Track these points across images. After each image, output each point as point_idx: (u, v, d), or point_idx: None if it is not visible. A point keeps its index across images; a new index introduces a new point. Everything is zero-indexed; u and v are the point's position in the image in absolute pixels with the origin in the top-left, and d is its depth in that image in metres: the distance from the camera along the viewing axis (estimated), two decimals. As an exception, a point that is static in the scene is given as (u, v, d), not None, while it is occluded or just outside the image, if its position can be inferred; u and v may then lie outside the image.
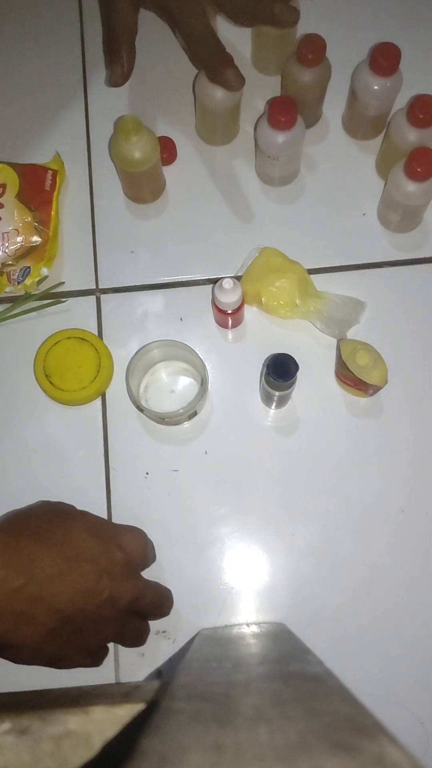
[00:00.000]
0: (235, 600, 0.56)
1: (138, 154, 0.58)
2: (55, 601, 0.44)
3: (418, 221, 0.64)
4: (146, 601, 0.50)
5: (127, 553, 0.49)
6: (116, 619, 0.48)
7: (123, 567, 0.48)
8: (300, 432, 0.60)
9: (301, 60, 0.59)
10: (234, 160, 0.68)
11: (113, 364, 0.61)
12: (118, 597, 0.47)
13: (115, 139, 0.58)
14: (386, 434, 0.59)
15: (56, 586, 0.44)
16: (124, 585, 0.47)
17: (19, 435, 0.60)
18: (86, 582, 0.45)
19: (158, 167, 0.63)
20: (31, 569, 0.44)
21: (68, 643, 0.46)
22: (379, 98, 0.61)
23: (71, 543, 0.46)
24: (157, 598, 0.52)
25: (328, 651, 0.41)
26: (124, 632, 0.50)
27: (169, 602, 0.54)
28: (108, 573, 0.46)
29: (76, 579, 0.45)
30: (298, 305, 0.60)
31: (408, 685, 0.53)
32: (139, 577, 0.51)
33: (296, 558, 0.57)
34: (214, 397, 0.61)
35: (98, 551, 0.47)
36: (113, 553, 0.48)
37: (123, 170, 0.60)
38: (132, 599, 0.48)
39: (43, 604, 0.44)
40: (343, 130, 0.68)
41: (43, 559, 0.45)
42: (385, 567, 0.56)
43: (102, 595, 0.46)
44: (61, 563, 0.45)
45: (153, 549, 0.55)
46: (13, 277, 0.63)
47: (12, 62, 0.72)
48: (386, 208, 0.62)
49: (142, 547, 0.50)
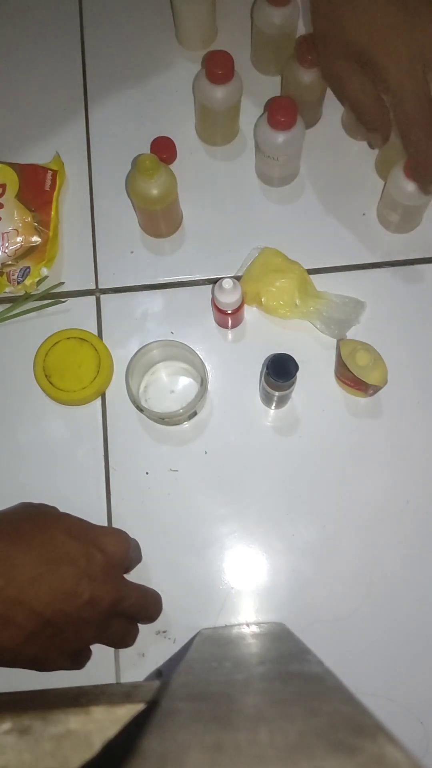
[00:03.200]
0: (235, 600, 0.56)
1: (156, 191, 0.57)
2: (35, 604, 0.44)
3: (418, 222, 0.64)
4: (130, 603, 0.49)
5: (108, 555, 0.48)
6: (98, 621, 0.47)
7: (103, 569, 0.47)
8: (300, 432, 0.60)
9: (301, 61, 0.59)
10: (234, 160, 0.68)
11: (113, 364, 0.61)
12: (98, 599, 0.46)
13: (133, 177, 0.58)
14: (386, 434, 0.59)
15: (35, 589, 0.44)
16: (105, 587, 0.47)
17: (18, 435, 0.60)
18: (66, 584, 0.45)
19: (175, 204, 0.62)
20: (9, 572, 0.44)
21: (48, 645, 0.46)
22: None
23: (50, 545, 0.46)
24: (142, 601, 0.52)
25: (328, 651, 0.41)
26: (108, 634, 0.50)
27: (156, 605, 0.54)
28: (88, 575, 0.46)
29: (55, 581, 0.45)
30: (298, 305, 0.60)
31: (408, 685, 0.54)
32: (121, 578, 0.50)
33: (296, 558, 0.57)
34: (214, 397, 0.61)
35: (78, 553, 0.47)
36: (93, 555, 0.47)
37: (140, 207, 0.60)
38: (113, 601, 0.47)
39: (22, 607, 0.44)
40: (343, 130, 0.68)
41: (22, 561, 0.45)
42: (384, 567, 0.56)
43: (82, 597, 0.45)
44: (40, 566, 0.45)
45: (138, 550, 0.55)
46: (13, 277, 0.63)
47: (12, 63, 0.72)
48: (386, 208, 0.62)
49: (123, 548, 0.50)
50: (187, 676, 0.36)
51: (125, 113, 0.70)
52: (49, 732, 0.36)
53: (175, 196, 0.61)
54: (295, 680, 0.32)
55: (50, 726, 0.36)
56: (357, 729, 0.24)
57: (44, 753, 0.35)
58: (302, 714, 0.26)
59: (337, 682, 0.32)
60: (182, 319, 0.63)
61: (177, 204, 0.63)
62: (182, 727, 0.25)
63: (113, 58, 0.71)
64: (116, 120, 0.69)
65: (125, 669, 0.55)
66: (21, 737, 0.36)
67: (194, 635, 0.55)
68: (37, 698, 0.39)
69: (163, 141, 0.65)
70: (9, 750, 0.35)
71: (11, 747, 0.35)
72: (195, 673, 0.36)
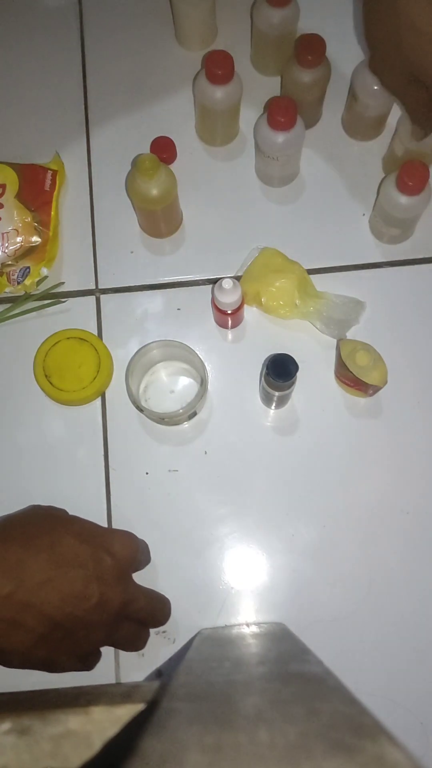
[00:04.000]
0: (235, 600, 0.56)
1: (155, 191, 0.57)
2: (45, 607, 0.44)
3: (410, 233, 0.64)
4: (138, 606, 0.50)
5: (117, 557, 0.48)
6: (107, 624, 0.47)
7: (112, 572, 0.48)
8: (300, 432, 0.60)
9: (301, 61, 0.59)
10: (234, 160, 0.68)
11: (113, 364, 0.61)
12: (107, 602, 0.47)
13: (133, 177, 0.58)
14: (386, 434, 0.59)
15: (45, 593, 0.44)
16: (114, 590, 0.47)
17: (18, 435, 0.60)
18: (75, 587, 0.45)
19: (175, 204, 0.62)
20: (19, 576, 0.44)
21: (58, 648, 0.46)
22: (379, 99, 0.61)
23: (60, 549, 0.46)
24: (150, 604, 0.52)
25: (328, 651, 0.41)
26: (117, 637, 0.50)
27: (164, 610, 0.54)
28: (97, 578, 0.46)
29: (64, 585, 0.45)
30: (297, 305, 0.60)
31: (408, 685, 0.54)
32: (130, 581, 0.51)
33: (296, 558, 0.57)
34: (214, 397, 0.61)
35: (87, 556, 0.47)
36: (102, 558, 0.48)
37: (140, 207, 0.60)
38: (122, 604, 0.48)
39: (33, 611, 0.44)
40: (343, 130, 0.68)
41: (32, 565, 0.45)
42: (384, 567, 0.56)
43: (91, 600, 0.46)
44: (50, 569, 0.45)
45: (146, 552, 0.55)
46: (12, 277, 0.63)
47: (12, 63, 0.72)
48: (378, 220, 0.62)
49: (132, 551, 0.50)
50: (186, 676, 0.36)
51: (125, 113, 0.70)
52: (49, 732, 0.36)
53: (175, 196, 0.61)
54: (295, 680, 0.32)
55: (50, 726, 0.36)
56: (357, 729, 0.24)
57: (44, 753, 0.35)
58: (302, 714, 0.26)
59: (337, 683, 0.32)
60: (182, 319, 0.63)
61: (177, 204, 0.63)
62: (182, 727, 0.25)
63: (113, 58, 0.71)
64: (116, 120, 0.69)
65: (125, 669, 0.55)
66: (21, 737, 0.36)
67: (194, 635, 0.55)
68: (36, 698, 0.39)
69: (163, 141, 0.65)
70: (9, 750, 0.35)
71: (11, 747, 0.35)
72: (195, 674, 0.36)
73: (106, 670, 0.54)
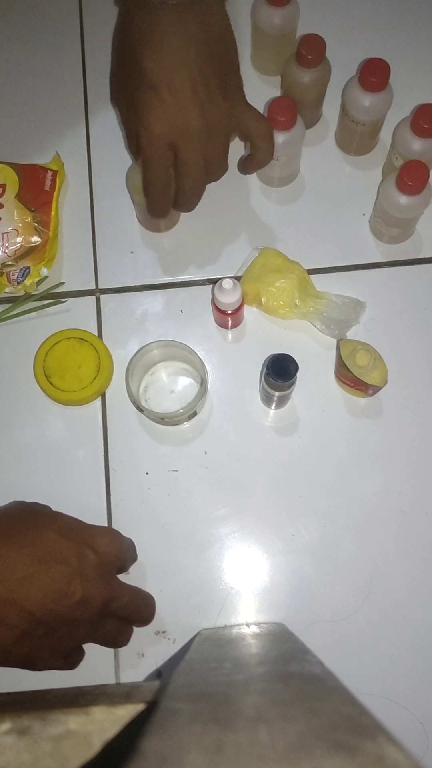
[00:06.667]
0: (235, 600, 0.56)
1: None
2: (26, 603, 0.44)
3: (410, 233, 0.64)
4: (122, 603, 0.49)
5: (100, 554, 0.48)
6: (90, 620, 0.47)
7: (95, 568, 0.47)
8: (300, 432, 0.60)
9: (301, 61, 0.59)
10: (233, 160, 0.68)
11: (113, 364, 0.61)
12: (90, 598, 0.46)
13: (133, 170, 0.58)
14: (386, 434, 0.59)
15: (27, 589, 0.44)
16: (97, 586, 0.47)
17: (18, 435, 0.60)
18: (57, 584, 0.45)
19: None
20: (0, 571, 0.44)
21: (40, 645, 0.46)
22: (370, 114, 0.61)
23: (42, 544, 0.46)
24: (134, 601, 0.51)
25: (328, 651, 0.41)
26: (100, 634, 0.50)
27: (149, 608, 0.54)
28: (80, 574, 0.46)
29: (46, 581, 0.45)
30: (297, 305, 0.60)
31: (408, 686, 0.54)
32: (114, 578, 0.50)
33: (296, 558, 0.57)
34: (214, 397, 0.61)
35: (70, 552, 0.47)
36: (85, 554, 0.47)
37: (139, 202, 0.60)
38: (105, 601, 0.47)
39: (14, 607, 0.44)
40: (336, 146, 0.67)
41: (14, 561, 0.45)
42: (384, 567, 0.56)
43: (74, 597, 0.45)
44: (32, 565, 0.45)
45: (132, 549, 0.55)
46: (12, 277, 0.63)
47: (12, 62, 0.72)
48: (378, 220, 0.62)
49: (115, 548, 0.50)
50: (186, 676, 0.36)
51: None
52: (49, 732, 0.36)
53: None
54: (295, 681, 0.32)
55: (50, 726, 0.36)
56: (357, 729, 0.24)
57: (44, 753, 0.35)
58: (302, 714, 0.26)
59: (337, 683, 0.32)
60: (182, 319, 0.63)
61: None
62: (182, 727, 0.25)
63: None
64: (116, 120, 0.69)
65: (125, 669, 0.55)
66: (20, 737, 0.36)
67: (194, 635, 0.55)
68: (36, 698, 0.39)
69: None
70: (8, 750, 0.35)
71: (10, 747, 0.35)
72: (195, 674, 0.36)
73: (105, 671, 0.54)
